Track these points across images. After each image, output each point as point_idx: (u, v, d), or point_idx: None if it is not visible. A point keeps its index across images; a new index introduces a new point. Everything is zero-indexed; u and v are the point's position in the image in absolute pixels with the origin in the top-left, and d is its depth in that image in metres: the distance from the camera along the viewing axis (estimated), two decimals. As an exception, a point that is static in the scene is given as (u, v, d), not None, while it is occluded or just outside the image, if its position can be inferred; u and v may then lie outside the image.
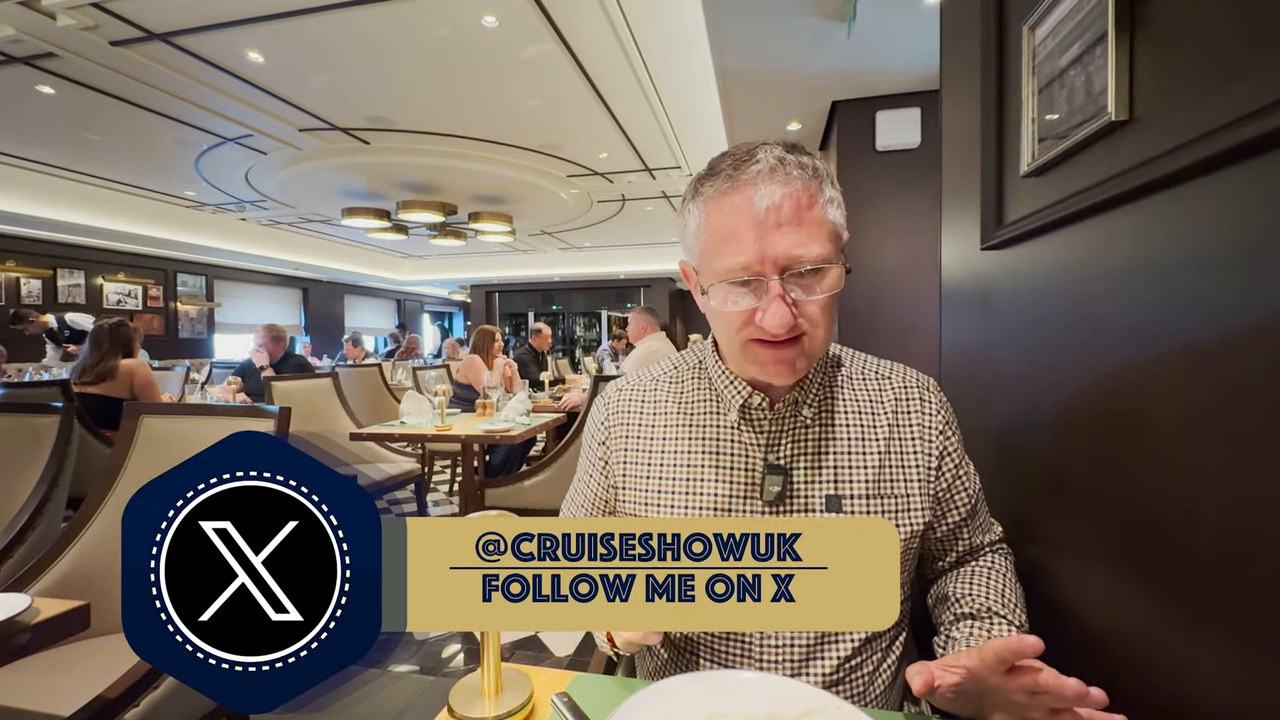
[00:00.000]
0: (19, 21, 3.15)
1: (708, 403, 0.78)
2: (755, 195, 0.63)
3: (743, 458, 0.74)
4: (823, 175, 0.66)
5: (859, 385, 0.78)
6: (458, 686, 0.65)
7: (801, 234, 0.63)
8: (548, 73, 3.89)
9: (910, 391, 0.78)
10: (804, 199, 0.64)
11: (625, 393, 0.84)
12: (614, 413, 0.83)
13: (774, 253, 0.63)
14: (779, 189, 0.63)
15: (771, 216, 0.63)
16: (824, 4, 2.51)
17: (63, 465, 1.77)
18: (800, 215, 0.63)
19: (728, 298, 0.66)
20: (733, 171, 0.65)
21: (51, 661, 1.28)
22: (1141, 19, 0.59)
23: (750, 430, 0.75)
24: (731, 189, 0.65)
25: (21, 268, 7.43)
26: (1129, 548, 0.63)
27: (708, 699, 0.59)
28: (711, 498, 0.74)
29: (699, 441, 0.77)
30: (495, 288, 13.69)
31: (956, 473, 0.77)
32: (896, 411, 0.76)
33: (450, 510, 4.25)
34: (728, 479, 0.74)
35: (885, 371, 0.80)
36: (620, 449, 0.81)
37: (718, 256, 0.66)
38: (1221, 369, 0.50)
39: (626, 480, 0.80)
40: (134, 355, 3.20)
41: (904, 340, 3.38)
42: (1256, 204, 0.46)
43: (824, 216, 0.65)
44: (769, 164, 0.64)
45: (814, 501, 0.72)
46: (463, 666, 2.19)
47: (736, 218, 0.64)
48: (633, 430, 0.81)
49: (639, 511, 0.78)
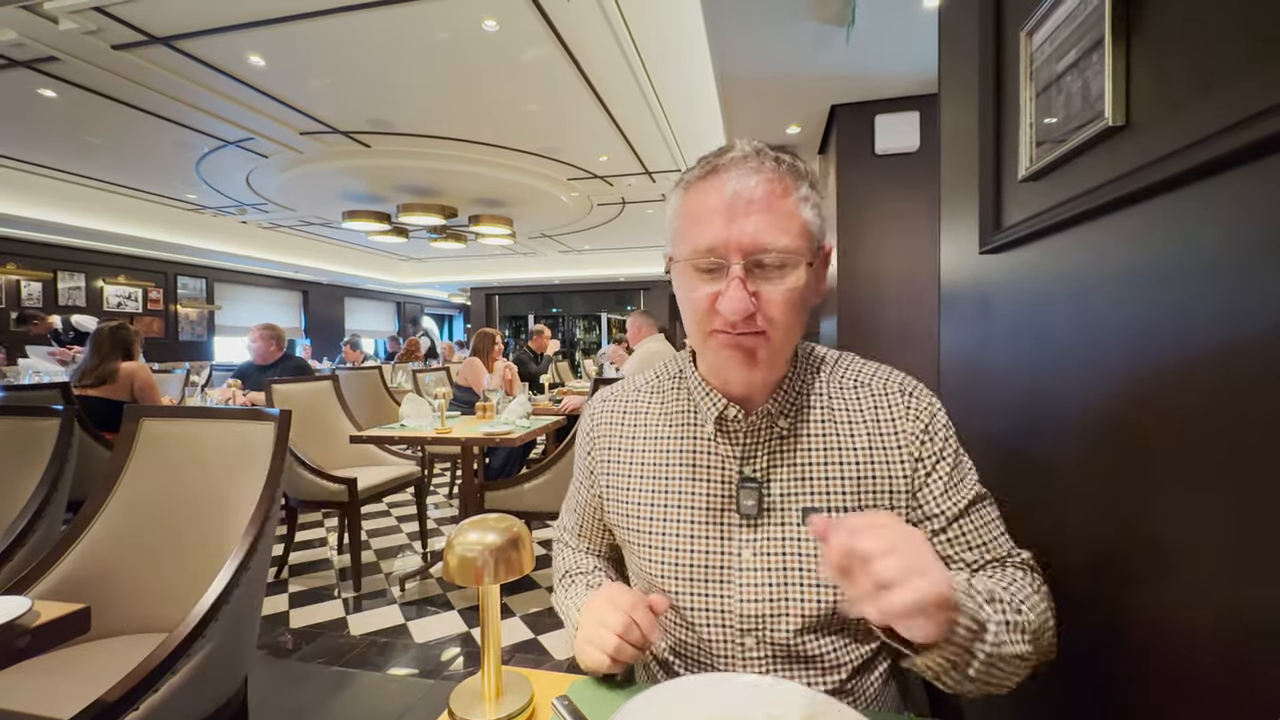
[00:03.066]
0: (21, 25, 3.16)
1: (686, 414, 0.77)
2: (726, 179, 0.64)
3: (719, 470, 0.73)
4: (801, 174, 0.66)
5: (837, 392, 0.75)
6: (458, 690, 0.65)
7: (768, 221, 0.63)
8: (548, 76, 3.90)
9: (891, 397, 0.73)
10: (777, 188, 0.64)
11: (610, 402, 0.84)
12: (598, 423, 0.83)
13: (738, 236, 0.63)
14: (751, 176, 0.64)
15: (740, 201, 0.63)
16: (823, 8, 2.52)
17: (63, 468, 1.77)
18: (770, 203, 0.63)
19: (691, 280, 0.66)
20: (711, 159, 0.67)
21: (51, 665, 1.28)
22: (1138, 24, 0.60)
23: (726, 442, 0.73)
24: (706, 174, 0.66)
25: (22, 270, 7.44)
26: (1126, 549, 0.63)
27: (707, 702, 0.59)
28: (689, 510, 0.73)
29: (676, 454, 0.76)
30: (495, 290, 13.70)
31: (944, 478, 0.70)
32: (877, 419, 0.72)
33: (450, 513, 4.25)
34: (704, 491, 0.73)
35: (866, 377, 0.76)
36: (604, 459, 0.81)
37: (687, 238, 0.66)
38: (1220, 373, 0.50)
39: (609, 490, 0.80)
40: (135, 358, 3.20)
41: (902, 343, 3.38)
42: (1253, 208, 0.46)
43: (794, 210, 0.64)
44: (744, 152, 0.65)
45: (791, 514, 0.70)
46: (462, 670, 2.18)
47: (707, 199, 0.65)
48: (615, 441, 0.81)
49: (620, 521, 0.78)
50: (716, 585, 0.71)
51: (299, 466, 2.80)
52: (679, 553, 0.73)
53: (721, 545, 0.72)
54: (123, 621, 1.45)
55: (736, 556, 0.71)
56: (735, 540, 0.71)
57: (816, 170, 0.74)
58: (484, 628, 0.64)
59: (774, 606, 0.69)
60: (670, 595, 0.74)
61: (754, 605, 0.69)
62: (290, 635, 2.43)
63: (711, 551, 0.72)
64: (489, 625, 0.64)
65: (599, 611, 0.68)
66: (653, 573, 0.75)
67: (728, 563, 0.71)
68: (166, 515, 1.55)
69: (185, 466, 1.58)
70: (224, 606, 1.23)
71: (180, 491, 1.56)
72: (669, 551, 0.73)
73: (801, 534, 0.70)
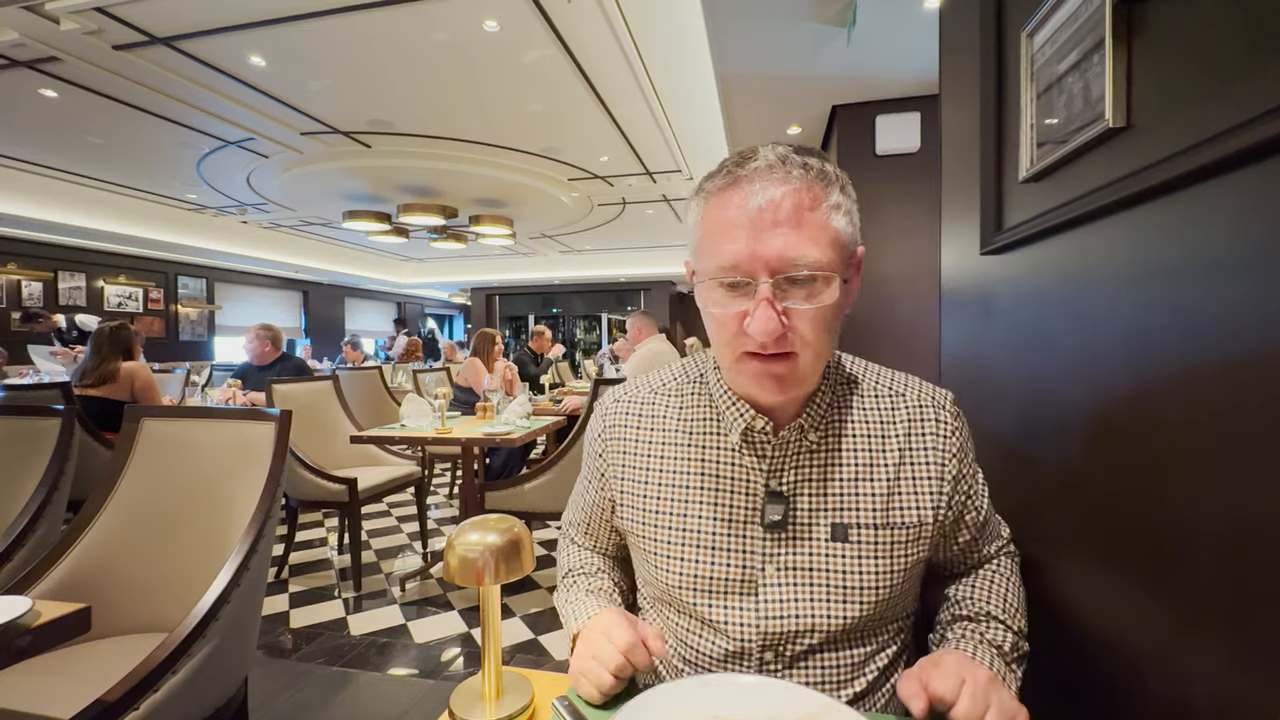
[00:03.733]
0: (22, 25, 3.16)
1: (709, 421, 0.74)
2: (751, 191, 0.60)
3: (743, 481, 0.71)
4: (831, 179, 0.63)
5: (871, 405, 0.73)
6: (458, 690, 0.65)
7: (798, 236, 0.59)
8: (548, 77, 3.91)
9: (925, 411, 0.72)
10: (805, 199, 0.60)
11: (623, 404, 0.80)
12: (610, 425, 0.80)
13: (765, 252, 0.59)
14: (777, 186, 0.60)
15: (767, 214, 0.59)
16: (824, 9, 2.52)
17: (63, 468, 1.77)
18: (799, 216, 0.60)
19: (716, 297, 0.63)
20: (733, 168, 0.63)
21: (52, 664, 1.28)
22: (1139, 26, 0.60)
23: (752, 454, 0.71)
24: (730, 184, 0.62)
25: (23, 270, 7.44)
26: (1129, 551, 0.63)
27: (709, 703, 0.59)
28: (710, 520, 0.71)
29: (698, 462, 0.73)
30: (495, 290, 13.70)
31: (969, 493, 0.73)
32: (910, 434, 0.71)
33: (450, 514, 4.25)
34: (727, 502, 0.71)
35: (900, 388, 0.74)
36: (618, 463, 0.78)
37: (710, 253, 0.63)
38: (1221, 374, 0.50)
39: (624, 496, 0.78)
40: (135, 358, 3.21)
41: (904, 344, 3.38)
42: (1255, 209, 0.46)
43: (825, 221, 0.61)
44: (768, 160, 0.61)
45: (819, 530, 0.68)
46: (463, 670, 2.18)
47: (731, 213, 0.61)
48: (629, 445, 0.78)
49: (635, 528, 0.76)
50: (736, 598, 0.70)
51: (299, 466, 2.80)
52: (699, 564, 0.71)
53: (744, 559, 0.70)
54: (123, 621, 1.45)
55: (760, 571, 0.69)
56: (759, 554, 0.69)
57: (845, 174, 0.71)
58: (484, 628, 0.64)
59: (799, 623, 0.68)
60: (689, 606, 0.72)
61: (779, 622, 0.68)
62: (290, 635, 2.43)
63: (733, 565, 0.70)
64: (489, 626, 0.64)
65: (594, 643, 0.65)
66: (669, 583, 0.72)
67: (750, 576, 0.69)
68: (167, 515, 1.55)
69: (186, 466, 1.58)
70: (224, 606, 1.23)
71: (180, 491, 1.56)
72: (688, 563, 0.71)
73: (829, 549, 0.68)
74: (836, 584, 0.68)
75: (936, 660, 0.60)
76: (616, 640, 0.64)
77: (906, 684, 0.59)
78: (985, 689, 0.56)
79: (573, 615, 0.76)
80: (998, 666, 0.66)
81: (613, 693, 0.63)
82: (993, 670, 0.63)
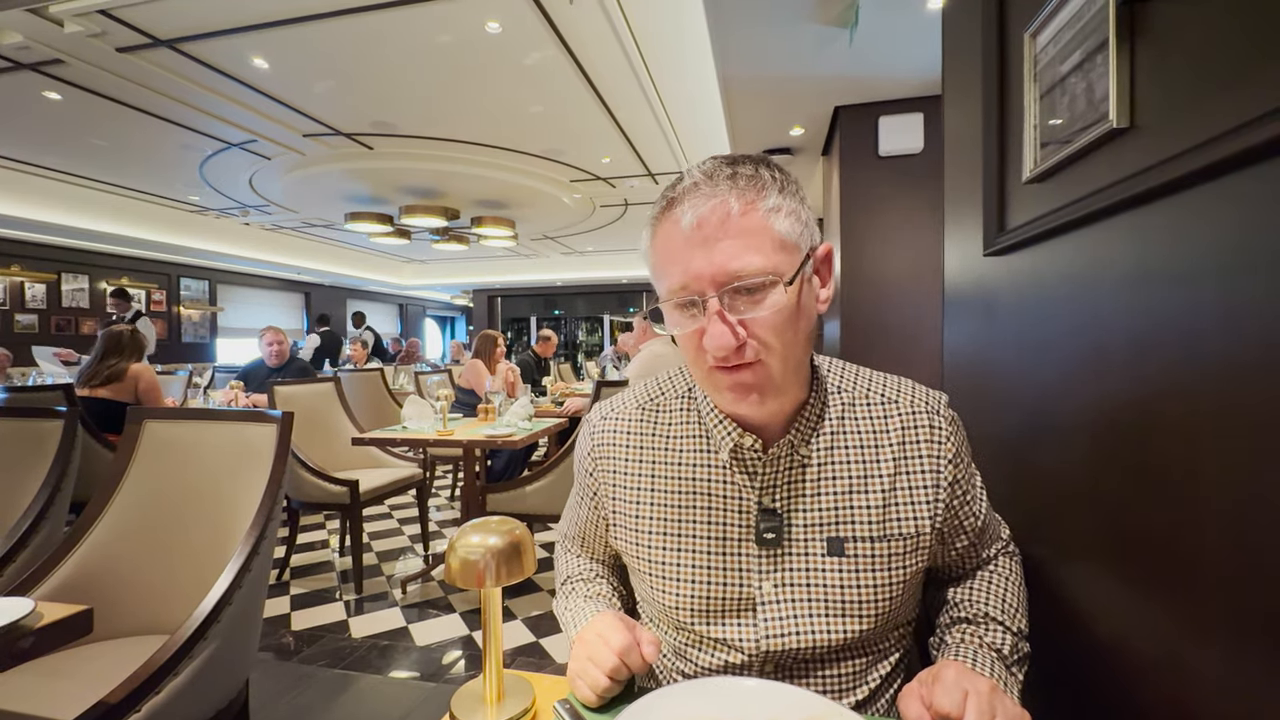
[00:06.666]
0: (27, 28, 3.18)
1: (698, 439, 0.73)
2: (683, 211, 0.60)
3: (735, 499, 0.70)
4: (766, 183, 0.61)
5: (863, 414, 0.71)
6: (459, 693, 0.65)
7: (735, 245, 0.59)
8: (550, 78, 3.91)
9: (919, 418, 0.71)
10: (735, 207, 0.59)
11: (610, 421, 0.79)
12: (599, 444, 0.79)
13: (706, 268, 0.59)
14: (703, 202, 0.60)
15: (697, 232, 0.59)
16: (826, 10, 2.52)
17: (66, 470, 1.77)
18: (727, 225, 0.59)
19: (675, 319, 0.63)
20: (668, 191, 0.64)
21: (54, 666, 1.28)
22: (1142, 26, 0.59)
23: (743, 471, 0.70)
24: (665, 209, 0.63)
25: (26, 272, 7.47)
26: (1131, 553, 0.63)
27: (710, 706, 0.59)
28: (705, 540, 0.71)
29: (689, 481, 0.72)
30: (497, 292, 13.72)
31: (966, 498, 0.72)
32: (904, 441, 0.70)
33: (451, 516, 4.25)
34: (720, 520, 0.70)
35: (891, 394, 0.73)
36: (608, 483, 0.77)
37: (661, 277, 0.64)
38: (1224, 375, 0.50)
39: (616, 517, 0.77)
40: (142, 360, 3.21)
41: (906, 346, 3.38)
42: (1259, 210, 0.46)
43: (763, 224, 0.59)
44: (694, 178, 0.62)
45: (814, 545, 0.68)
46: (464, 673, 2.18)
47: (670, 236, 0.62)
48: (619, 464, 0.77)
49: (630, 549, 0.75)
50: (734, 617, 0.69)
51: (301, 468, 2.81)
52: (694, 584, 0.70)
53: (740, 577, 0.69)
54: (125, 623, 1.45)
55: (757, 589, 0.69)
56: (755, 572, 0.69)
57: (791, 171, 0.67)
58: (486, 631, 0.64)
59: (800, 639, 0.67)
60: (687, 627, 0.72)
61: (779, 640, 0.68)
62: (292, 637, 2.43)
63: (730, 584, 0.69)
64: (491, 628, 0.64)
65: (590, 646, 0.65)
66: (667, 604, 0.72)
67: (747, 595, 0.69)
68: (169, 517, 1.55)
69: (188, 468, 1.58)
70: (226, 608, 1.23)
71: (183, 493, 1.57)
72: (684, 584, 0.70)
73: (825, 564, 0.68)
74: (835, 599, 0.67)
75: (937, 674, 0.60)
76: (612, 643, 0.64)
77: (910, 703, 0.59)
78: (989, 699, 0.56)
79: (571, 620, 0.76)
80: (998, 672, 0.65)
81: (609, 695, 0.63)
82: (994, 677, 0.63)
